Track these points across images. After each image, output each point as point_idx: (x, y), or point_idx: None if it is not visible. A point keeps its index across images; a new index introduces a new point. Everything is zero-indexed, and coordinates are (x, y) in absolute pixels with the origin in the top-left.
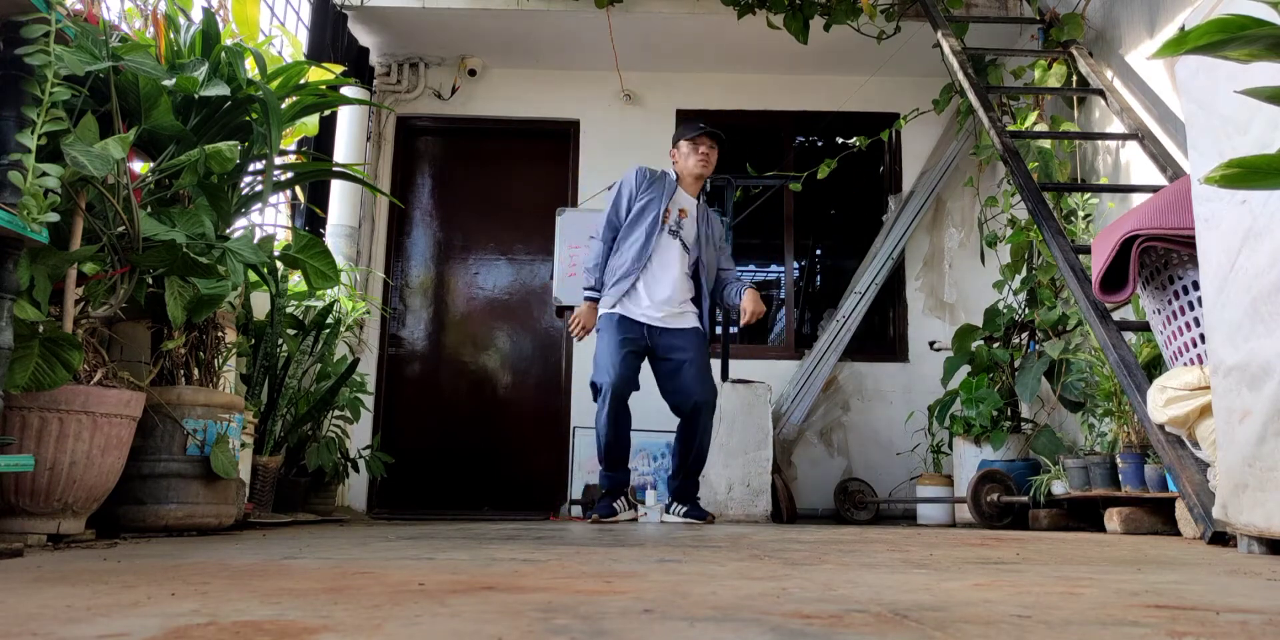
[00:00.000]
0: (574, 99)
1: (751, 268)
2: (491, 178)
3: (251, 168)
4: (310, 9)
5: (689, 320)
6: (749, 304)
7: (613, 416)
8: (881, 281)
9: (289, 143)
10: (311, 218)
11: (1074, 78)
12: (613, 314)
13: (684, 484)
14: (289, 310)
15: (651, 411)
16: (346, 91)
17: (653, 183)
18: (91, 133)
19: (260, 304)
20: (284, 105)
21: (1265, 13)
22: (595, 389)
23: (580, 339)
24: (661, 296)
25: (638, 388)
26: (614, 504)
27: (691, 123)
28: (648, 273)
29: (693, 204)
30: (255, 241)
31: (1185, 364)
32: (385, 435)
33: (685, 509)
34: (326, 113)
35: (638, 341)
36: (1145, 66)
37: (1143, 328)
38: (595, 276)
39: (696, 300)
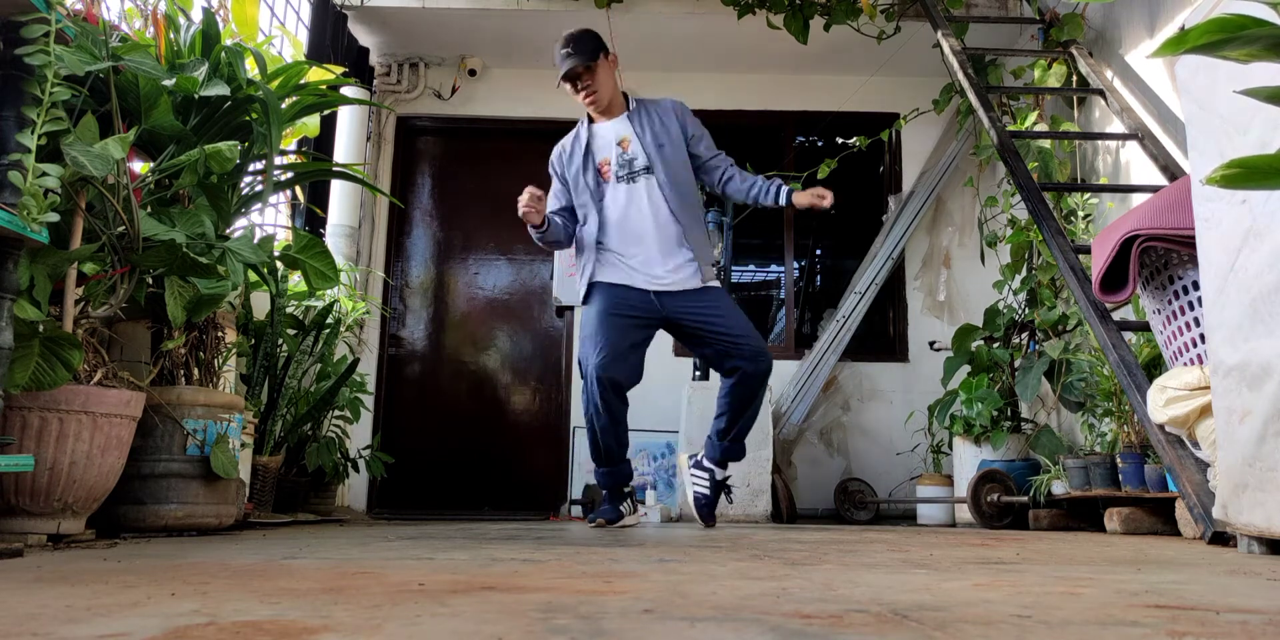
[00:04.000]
0: (574, 99)
1: (751, 268)
2: (491, 178)
3: (251, 168)
4: (310, 9)
5: (693, 278)
6: (809, 199)
7: (604, 402)
8: (881, 281)
9: (289, 143)
10: (311, 218)
11: (1074, 78)
12: (598, 282)
13: (730, 447)
14: (289, 310)
15: (651, 411)
16: (346, 91)
17: (571, 149)
18: (91, 133)
19: (260, 304)
20: (284, 105)
21: (1265, 13)
22: (582, 368)
23: (523, 212)
24: (656, 257)
25: (639, 375)
26: (621, 507)
27: (558, 51)
28: (627, 237)
29: (623, 124)
30: (255, 241)
31: (1185, 364)
32: (385, 435)
33: (706, 492)
34: (326, 113)
35: (641, 310)
36: (1145, 66)
37: (1143, 328)
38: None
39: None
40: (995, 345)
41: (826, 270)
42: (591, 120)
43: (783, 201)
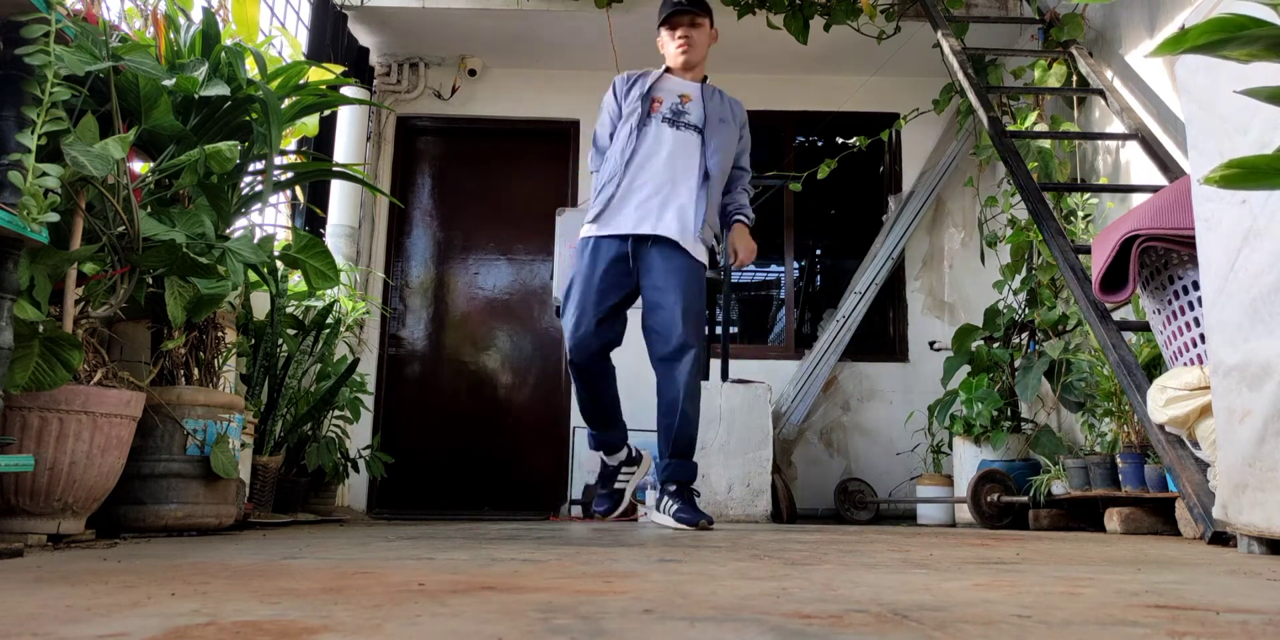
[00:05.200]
0: (574, 99)
1: (751, 268)
2: (491, 178)
3: (251, 168)
4: (310, 9)
5: (683, 235)
6: (738, 241)
7: (578, 372)
8: (881, 281)
9: (289, 143)
10: (311, 218)
11: (1074, 78)
12: (588, 238)
13: (671, 467)
14: (289, 310)
15: (651, 411)
16: (346, 91)
17: (636, 80)
18: (91, 133)
19: (260, 304)
20: (284, 105)
21: (1265, 13)
22: (559, 310)
23: None
24: (652, 195)
25: (617, 341)
26: (613, 488)
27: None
28: (633, 168)
29: (695, 88)
30: (255, 241)
31: (1185, 364)
32: (385, 435)
33: (676, 506)
34: (326, 113)
35: (619, 267)
36: (1145, 66)
37: (1143, 328)
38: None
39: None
40: (995, 345)
41: (826, 270)
42: (667, 70)
43: (729, 225)
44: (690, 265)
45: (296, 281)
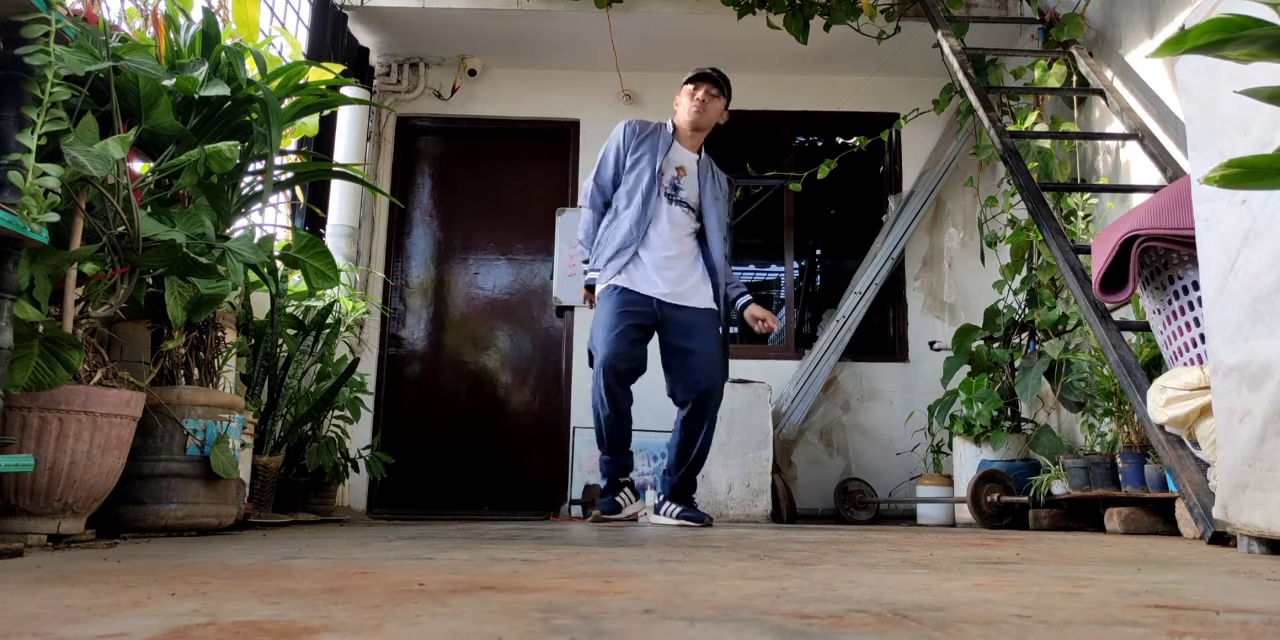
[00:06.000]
0: (574, 99)
1: (751, 268)
2: (491, 178)
3: (251, 168)
4: (310, 9)
5: (702, 298)
6: (759, 312)
7: (609, 393)
8: (881, 281)
9: (289, 143)
10: (311, 218)
11: (1074, 78)
12: (613, 286)
13: (682, 482)
14: (289, 310)
15: (651, 411)
16: (346, 91)
17: (644, 138)
18: (91, 133)
19: (260, 304)
20: (284, 105)
21: (1265, 13)
22: (591, 357)
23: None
24: (667, 269)
25: (642, 368)
26: (616, 498)
27: (700, 67)
28: (649, 242)
29: (692, 160)
30: (255, 241)
31: (1185, 364)
32: (385, 435)
33: (679, 509)
34: (326, 113)
35: (644, 314)
36: (1145, 66)
37: (1143, 328)
38: (591, 253)
39: (710, 275)
40: (995, 345)
41: (826, 270)
42: (674, 135)
43: (737, 307)
44: (709, 320)
45: (296, 281)
